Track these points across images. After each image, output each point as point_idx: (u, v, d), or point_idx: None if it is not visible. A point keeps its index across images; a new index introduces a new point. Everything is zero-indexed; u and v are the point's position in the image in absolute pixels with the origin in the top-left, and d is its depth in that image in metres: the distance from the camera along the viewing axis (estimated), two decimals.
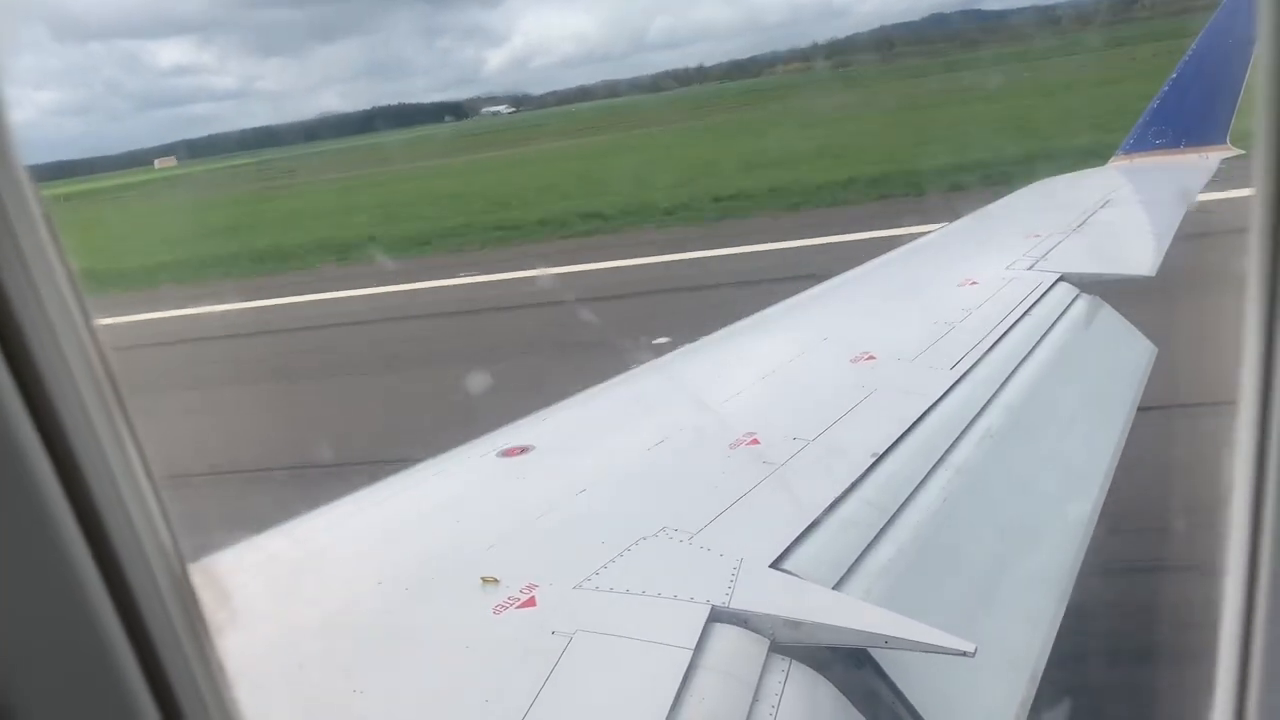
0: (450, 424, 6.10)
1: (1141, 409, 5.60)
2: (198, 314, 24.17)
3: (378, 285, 26.10)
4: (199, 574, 0.99)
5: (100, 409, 0.87)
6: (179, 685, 0.93)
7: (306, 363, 19.45)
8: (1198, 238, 8.54)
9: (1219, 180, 11.75)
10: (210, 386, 17.36)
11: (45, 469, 0.82)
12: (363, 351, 19.74)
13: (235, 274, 31.07)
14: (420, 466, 4.33)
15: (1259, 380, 0.88)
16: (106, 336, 0.88)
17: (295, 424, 15.04)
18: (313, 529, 3.76)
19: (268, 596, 3.23)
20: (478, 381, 11.79)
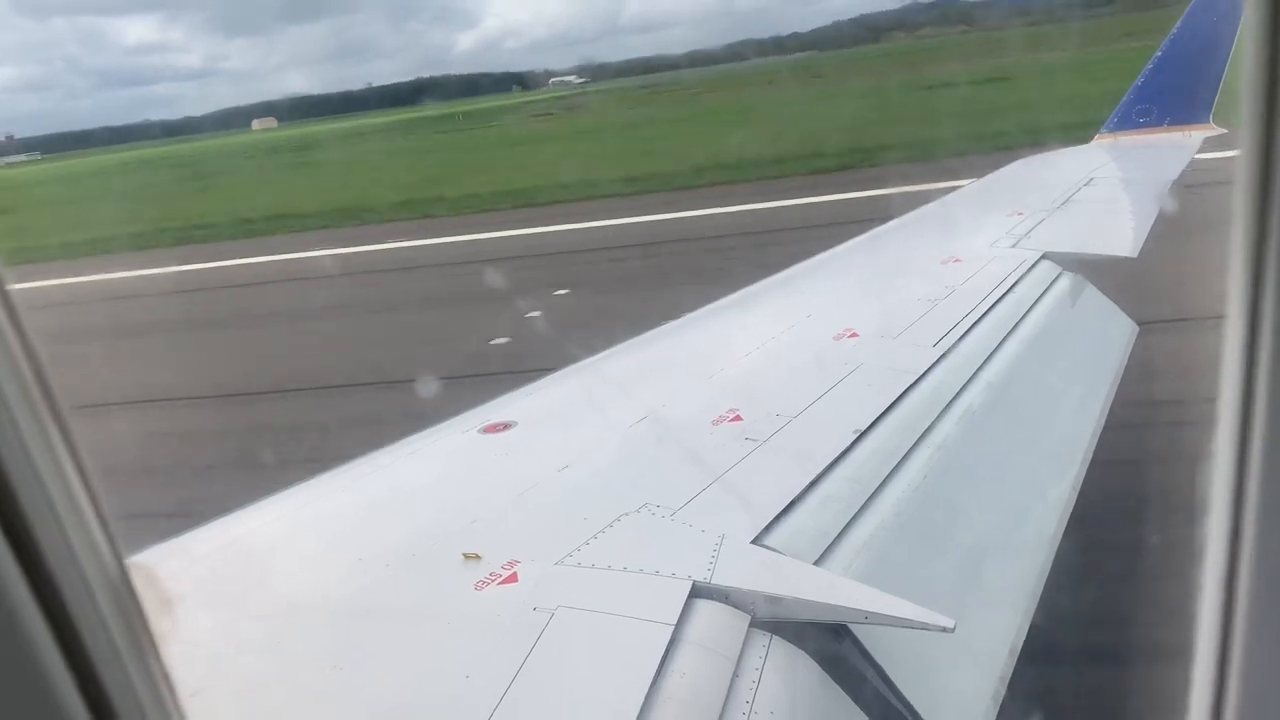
0: None
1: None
2: None
3: None
4: (140, 573, 0.94)
5: (24, 406, 0.82)
6: (115, 694, 0.88)
7: None
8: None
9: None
10: None
11: None
12: None
13: None
14: (402, 443, 4.31)
15: (1241, 371, 0.87)
16: (32, 328, 0.84)
17: None
18: (295, 505, 3.74)
19: (249, 572, 3.22)
20: None
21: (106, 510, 0.90)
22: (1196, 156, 11.70)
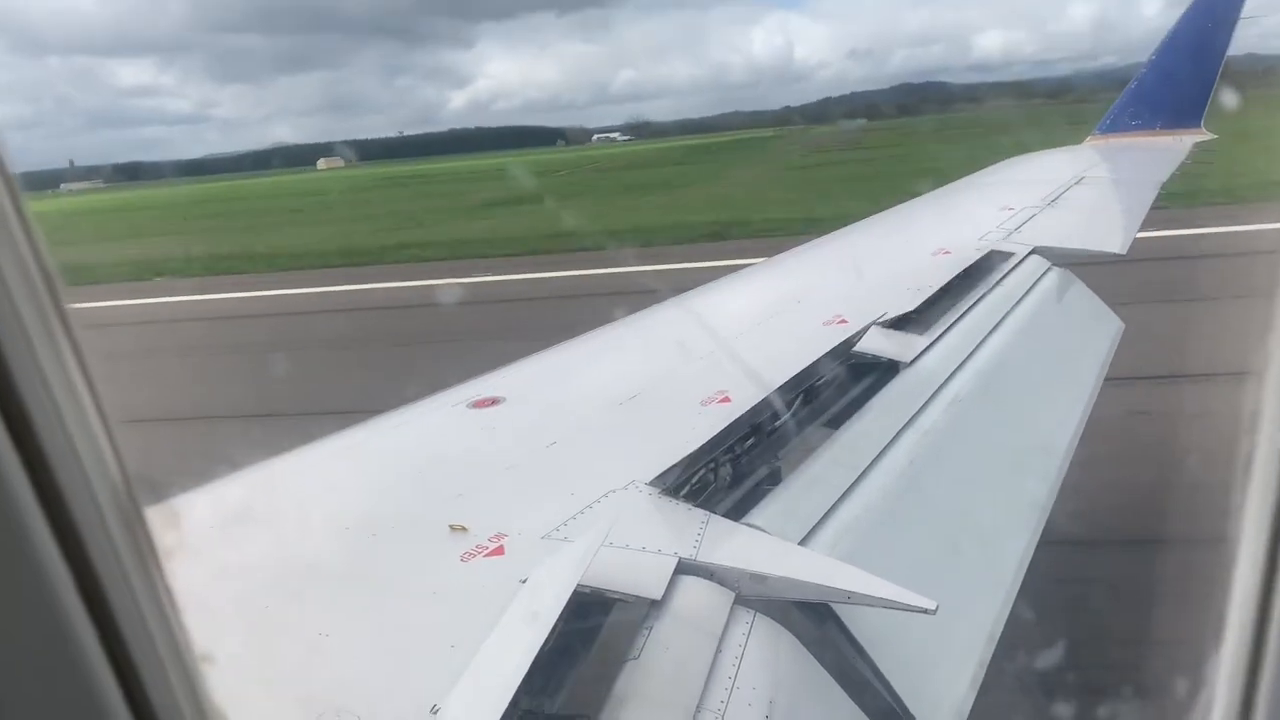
0: None
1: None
2: None
3: None
4: (155, 513, 0.96)
5: (47, 344, 0.84)
6: (123, 616, 0.90)
7: None
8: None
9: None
10: None
11: None
12: None
13: None
14: (389, 415, 4.29)
15: None
16: (57, 271, 0.86)
17: None
18: (280, 473, 3.72)
19: (233, 540, 3.20)
20: None
21: (124, 451, 0.91)
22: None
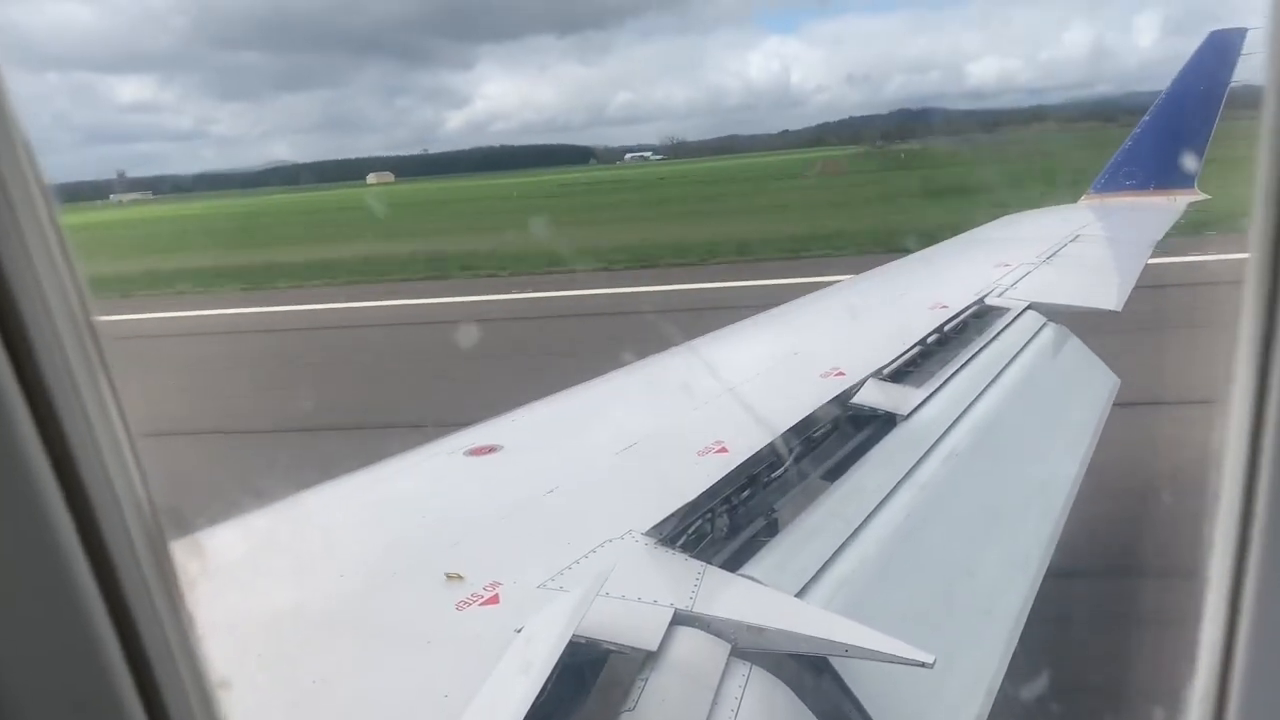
0: None
1: None
2: None
3: None
4: (175, 542, 1.00)
5: (86, 373, 0.88)
6: (149, 639, 0.94)
7: None
8: None
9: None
10: None
11: (28, 430, 0.83)
12: None
13: None
14: (387, 463, 4.29)
15: (1253, 382, 0.89)
16: (93, 298, 0.90)
17: None
18: (277, 520, 3.71)
19: (229, 585, 3.18)
20: None
21: (151, 479, 0.95)
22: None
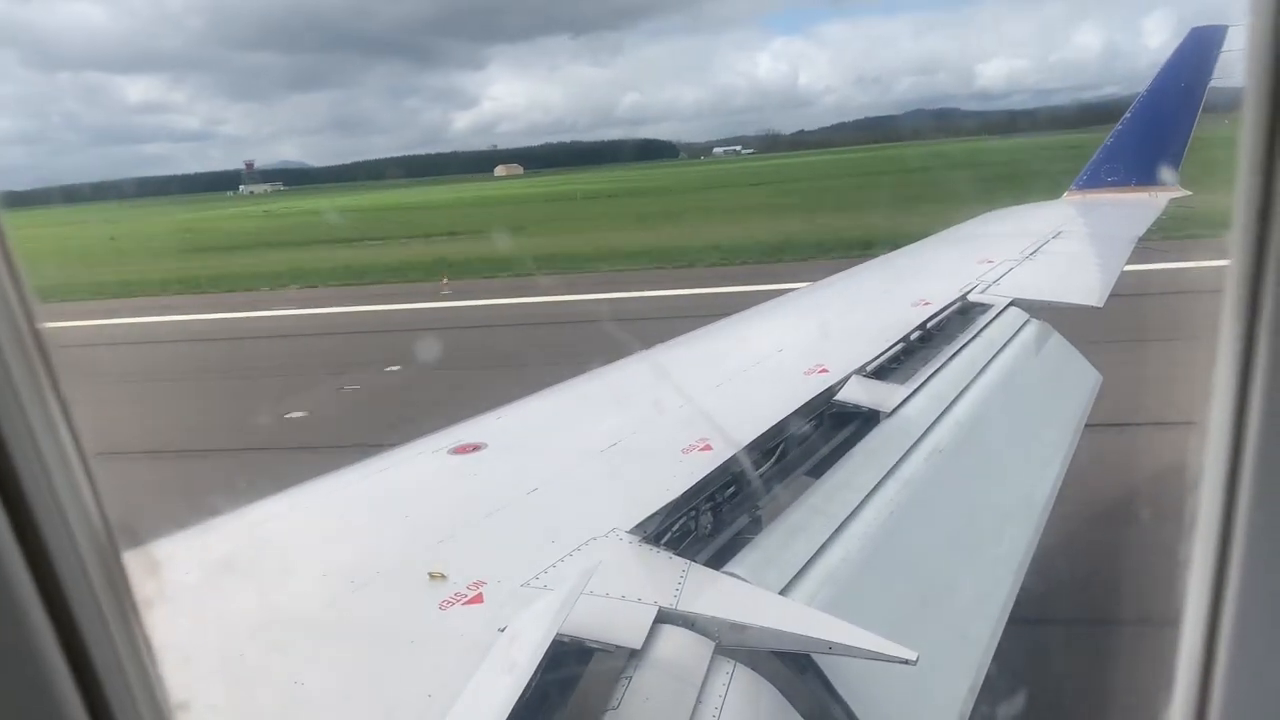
0: None
1: None
2: None
3: None
4: (134, 558, 0.96)
5: (31, 388, 0.84)
6: (101, 665, 0.90)
7: None
8: None
9: None
10: None
11: None
12: None
13: None
14: (370, 462, 4.27)
15: (1234, 377, 0.89)
16: (43, 316, 0.86)
17: None
18: (259, 519, 3.69)
19: (211, 585, 3.17)
20: None
21: (105, 497, 0.91)
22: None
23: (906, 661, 2.65)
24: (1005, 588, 3.95)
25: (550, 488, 3.80)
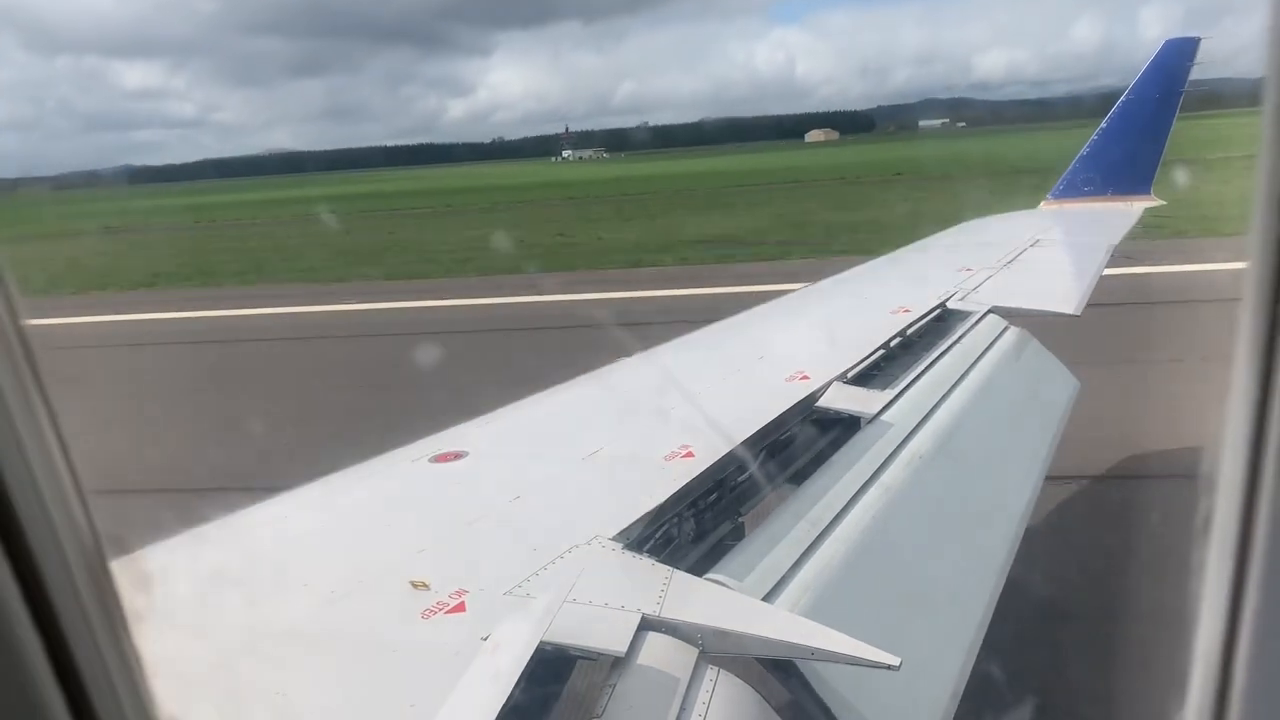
0: None
1: None
2: None
3: None
4: (121, 569, 0.95)
5: (20, 400, 0.82)
6: (90, 679, 0.89)
7: None
8: None
9: None
10: None
11: None
12: None
13: None
14: (350, 470, 4.25)
15: (1254, 386, 0.88)
16: (31, 328, 0.84)
17: None
18: (239, 530, 3.66)
19: (189, 597, 3.14)
20: None
21: (93, 508, 0.89)
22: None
23: (889, 667, 2.66)
24: (986, 592, 3.97)
25: (533, 495, 3.80)
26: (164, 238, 62.59)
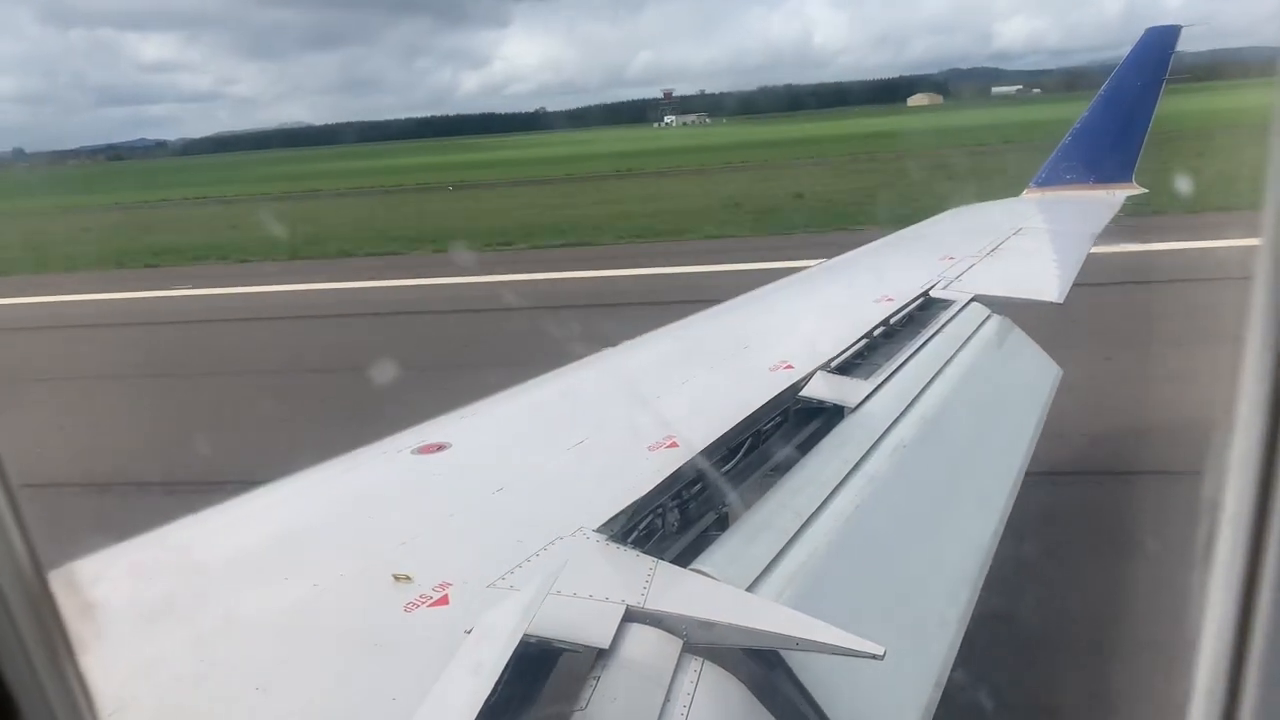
0: None
1: None
2: None
3: None
4: (61, 583, 0.89)
5: None
6: (27, 708, 0.83)
7: None
8: None
9: None
10: None
11: None
12: None
13: None
14: (332, 462, 4.22)
15: (1267, 359, 0.85)
16: None
17: None
18: (221, 523, 3.64)
19: (172, 590, 3.11)
20: None
21: (25, 516, 0.84)
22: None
23: (874, 656, 2.66)
24: (970, 580, 3.98)
25: (516, 487, 3.78)
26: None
